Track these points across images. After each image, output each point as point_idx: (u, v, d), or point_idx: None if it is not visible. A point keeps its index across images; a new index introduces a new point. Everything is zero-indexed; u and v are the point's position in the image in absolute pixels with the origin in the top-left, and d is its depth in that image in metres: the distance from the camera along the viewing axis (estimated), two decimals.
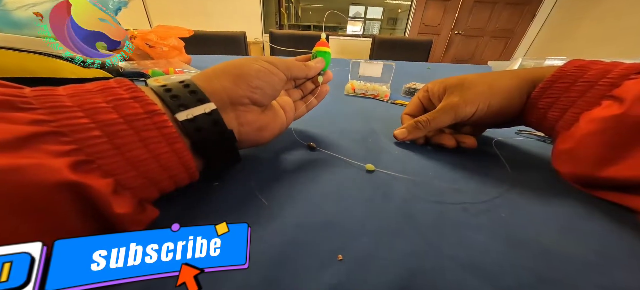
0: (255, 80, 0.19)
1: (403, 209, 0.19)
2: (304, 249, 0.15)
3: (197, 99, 0.16)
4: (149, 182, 0.14)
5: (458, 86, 0.26)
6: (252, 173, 0.22)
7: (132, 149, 0.13)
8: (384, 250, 0.15)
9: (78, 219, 0.11)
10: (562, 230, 0.17)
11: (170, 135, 0.14)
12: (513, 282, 0.14)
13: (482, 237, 0.16)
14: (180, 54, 0.65)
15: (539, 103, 0.23)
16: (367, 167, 0.23)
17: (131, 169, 0.13)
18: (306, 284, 0.13)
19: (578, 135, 0.19)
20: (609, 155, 0.18)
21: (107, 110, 0.13)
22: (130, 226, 0.13)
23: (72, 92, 0.13)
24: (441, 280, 0.14)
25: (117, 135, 0.12)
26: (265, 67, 0.20)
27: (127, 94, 0.14)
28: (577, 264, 0.15)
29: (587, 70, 0.21)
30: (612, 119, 0.18)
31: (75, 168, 0.11)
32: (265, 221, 0.17)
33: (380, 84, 0.52)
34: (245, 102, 0.19)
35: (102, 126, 0.12)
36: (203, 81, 0.18)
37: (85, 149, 0.12)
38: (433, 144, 0.29)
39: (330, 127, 0.32)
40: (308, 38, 1.41)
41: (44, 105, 0.11)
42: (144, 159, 0.13)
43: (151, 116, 0.14)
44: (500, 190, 0.21)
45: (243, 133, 0.19)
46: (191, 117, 0.16)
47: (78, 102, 0.12)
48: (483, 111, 0.25)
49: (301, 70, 0.23)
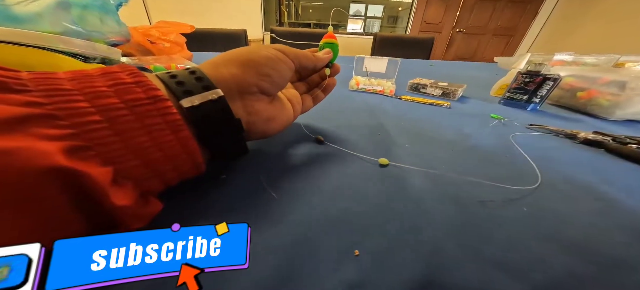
0: (264, 67, 0.18)
1: (418, 202, 0.18)
2: (318, 245, 0.14)
3: (203, 85, 0.15)
4: (153, 173, 0.13)
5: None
6: (260, 166, 0.21)
7: (134, 136, 0.12)
8: (401, 245, 0.15)
9: (72, 210, 0.10)
10: (588, 227, 0.17)
11: (174, 123, 0.13)
12: (542, 277, 0.13)
13: (505, 231, 0.16)
14: (182, 50, 0.64)
15: None
16: (381, 162, 0.22)
17: (133, 158, 0.12)
18: (322, 281, 0.12)
19: None
20: None
21: (108, 94, 0.12)
22: (132, 220, 0.12)
23: (72, 76, 0.12)
24: (465, 276, 0.13)
25: (118, 120, 0.12)
26: (275, 54, 0.19)
27: (130, 78, 0.13)
28: (607, 260, 0.14)
29: None
30: None
31: (70, 154, 0.10)
32: (275, 215, 0.16)
33: (385, 79, 0.52)
34: (253, 90, 0.18)
35: (102, 111, 0.11)
36: (210, 68, 0.17)
37: (83, 135, 0.11)
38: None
39: (336, 122, 0.31)
40: (309, 35, 1.40)
41: (39, 88, 0.11)
42: (147, 147, 0.13)
43: (154, 102, 0.13)
44: (520, 184, 0.20)
45: (251, 123, 0.18)
46: (196, 104, 0.15)
47: (77, 85, 0.11)
48: None
49: (310, 60, 0.23)
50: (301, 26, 3.82)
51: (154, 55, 0.58)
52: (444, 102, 0.43)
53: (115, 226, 0.11)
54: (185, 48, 0.65)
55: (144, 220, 0.13)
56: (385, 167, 0.22)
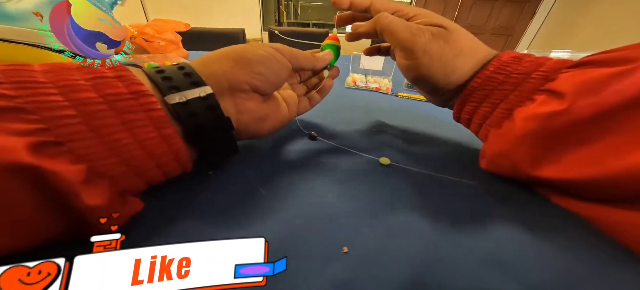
0: (258, 65, 0.17)
1: (412, 199, 0.17)
2: (306, 242, 0.14)
3: (192, 81, 0.15)
4: (133, 171, 0.13)
5: (443, 34, 0.20)
6: (249, 162, 0.20)
7: (112, 132, 0.11)
8: (393, 242, 0.14)
9: (40, 210, 0.10)
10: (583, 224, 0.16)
11: (158, 119, 0.13)
12: (537, 277, 0.13)
13: (500, 229, 0.15)
14: (178, 48, 0.64)
15: (474, 95, 0.20)
16: (382, 161, 0.21)
17: (110, 155, 0.12)
18: (309, 278, 0.12)
19: (513, 136, 0.17)
20: (544, 154, 0.16)
21: (85, 88, 0.11)
22: (107, 223, 0.11)
23: (48, 69, 0.11)
24: (456, 275, 0.13)
25: (95, 116, 0.11)
26: (270, 52, 0.18)
27: (111, 72, 0.12)
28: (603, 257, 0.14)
29: (522, 62, 0.19)
30: (552, 116, 0.15)
31: (36, 150, 0.09)
32: (263, 212, 0.15)
33: (382, 77, 0.51)
34: (245, 88, 0.17)
35: (77, 105, 0.11)
36: (200, 65, 0.16)
37: (55, 130, 0.10)
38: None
39: (332, 119, 0.31)
40: (308, 35, 1.39)
41: (9, 80, 0.10)
42: (127, 143, 0.12)
43: (137, 97, 0.12)
44: (510, 181, 0.20)
45: (241, 122, 0.17)
46: (184, 101, 0.14)
47: (52, 78, 0.11)
48: (429, 73, 0.21)
49: (308, 60, 0.22)
50: (300, 26, 3.82)
51: (149, 53, 0.58)
52: None
53: (89, 227, 0.11)
54: (180, 46, 0.64)
55: (121, 220, 0.12)
56: (380, 164, 0.21)
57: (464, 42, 0.20)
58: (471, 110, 0.21)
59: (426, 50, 0.20)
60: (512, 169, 0.18)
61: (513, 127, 0.17)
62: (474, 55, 0.20)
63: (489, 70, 0.19)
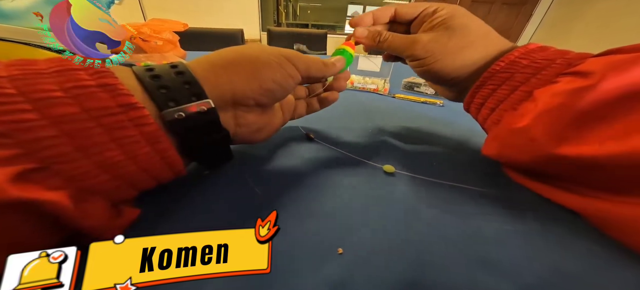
0: (270, 82, 0.16)
1: (407, 203, 0.17)
2: (301, 243, 0.14)
3: (193, 93, 0.13)
4: (126, 184, 0.12)
5: (447, 29, 0.21)
6: (245, 162, 0.20)
7: (102, 150, 0.11)
8: (388, 244, 0.14)
9: (35, 230, 0.09)
10: (575, 222, 0.16)
11: (151, 134, 0.12)
12: (531, 276, 0.13)
13: (494, 229, 0.15)
14: (175, 48, 0.63)
15: (494, 78, 0.20)
16: (386, 169, 0.21)
17: (102, 172, 0.11)
18: (304, 279, 0.12)
19: (535, 112, 0.16)
20: (567, 130, 0.15)
21: (64, 101, 0.10)
22: (105, 233, 0.11)
23: (17, 74, 0.09)
24: (451, 276, 0.13)
25: (80, 134, 0.10)
26: (284, 67, 0.17)
27: (92, 79, 0.11)
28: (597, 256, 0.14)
29: (547, 50, 0.19)
30: (579, 91, 0.15)
31: (21, 179, 0.08)
32: (258, 212, 0.15)
33: (380, 78, 0.51)
34: (250, 103, 0.16)
35: (57, 122, 0.09)
36: (205, 70, 0.15)
37: (36, 153, 0.09)
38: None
39: (328, 119, 0.31)
40: (307, 36, 1.39)
41: None
42: (119, 161, 0.11)
43: (126, 110, 0.11)
44: (505, 182, 0.20)
45: (238, 133, 0.17)
46: (183, 117, 0.13)
47: (23, 88, 0.09)
48: (435, 70, 0.22)
49: (320, 70, 0.20)
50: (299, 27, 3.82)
51: (146, 53, 0.57)
52: (437, 100, 0.43)
53: (86, 236, 0.11)
54: (178, 46, 0.64)
55: (118, 230, 0.12)
56: (379, 169, 0.21)
57: (475, 34, 0.21)
58: (487, 94, 0.21)
59: (427, 50, 0.21)
60: (528, 146, 0.17)
61: (534, 105, 0.17)
62: (486, 46, 0.21)
63: (514, 55, 0.19)
